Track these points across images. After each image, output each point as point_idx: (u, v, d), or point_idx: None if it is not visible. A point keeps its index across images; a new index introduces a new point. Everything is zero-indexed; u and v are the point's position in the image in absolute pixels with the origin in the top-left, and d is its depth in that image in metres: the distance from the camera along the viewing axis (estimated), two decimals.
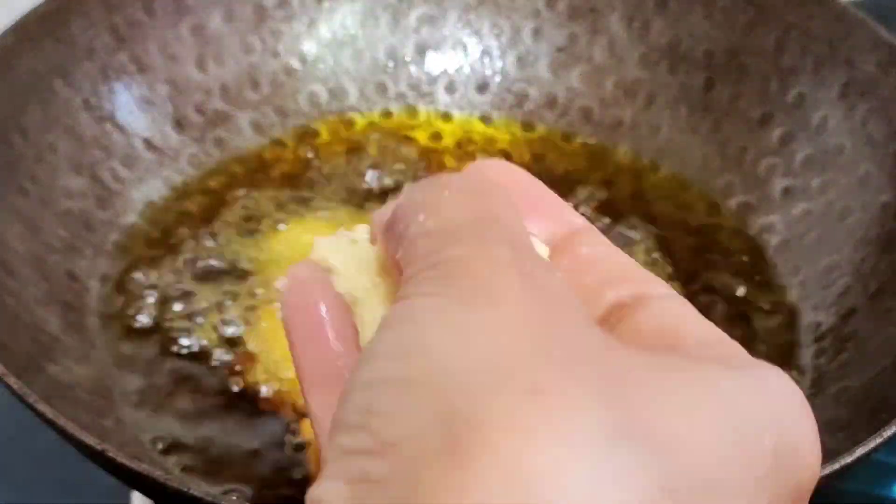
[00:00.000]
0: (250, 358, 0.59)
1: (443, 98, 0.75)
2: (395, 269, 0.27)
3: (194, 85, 0.71)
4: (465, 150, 0.73)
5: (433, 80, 0.76)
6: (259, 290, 0.62)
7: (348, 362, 0.28)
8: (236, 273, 0.63)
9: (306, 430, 0.55)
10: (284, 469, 0.54)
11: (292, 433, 0.55)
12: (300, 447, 0.54)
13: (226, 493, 0.53)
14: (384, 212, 0.29)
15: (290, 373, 0.57)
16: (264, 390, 0.57)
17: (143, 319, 0.61)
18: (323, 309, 0.29)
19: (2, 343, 0.52)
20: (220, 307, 0.61)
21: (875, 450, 0.48)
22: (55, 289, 0.60)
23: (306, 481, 0.53)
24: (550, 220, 0.29)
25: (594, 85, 0.74)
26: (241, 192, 0.69)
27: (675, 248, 0.66)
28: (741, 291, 0.64)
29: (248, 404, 0.57)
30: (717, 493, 0.21)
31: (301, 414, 0.56)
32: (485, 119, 0.75)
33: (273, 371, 0.58)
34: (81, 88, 0.66)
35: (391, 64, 0.75)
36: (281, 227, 0.66)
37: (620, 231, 0.67)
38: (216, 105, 0.71)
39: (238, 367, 0.58)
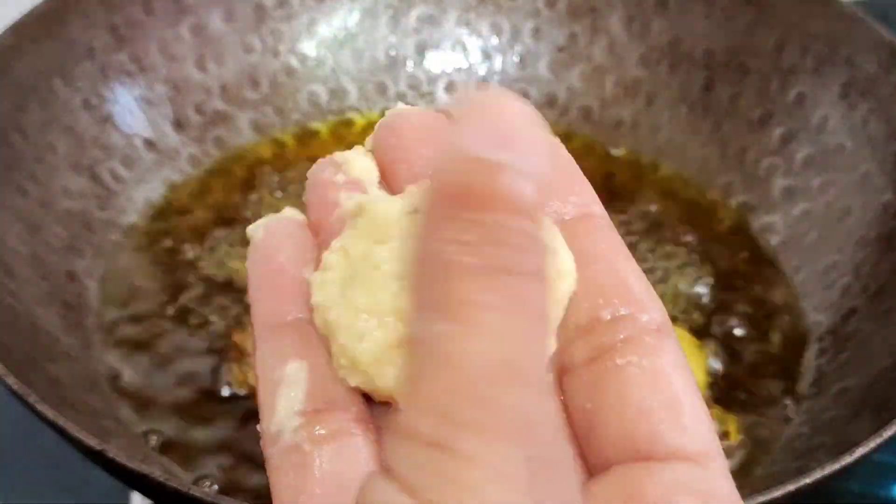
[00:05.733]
0: (246, 357, 0.59)
1: (443, 98, 0.75)
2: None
3: (194, 85, 0.71)
4: None
5: (433, 80, 0.76)
6: None
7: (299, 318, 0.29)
8: (235, 273, 0.63)
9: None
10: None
11: None
12: None
13: (197, 480, 0.53)
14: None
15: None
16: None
17: (143, 319, 0.61)
18: (285, 262, 0.30)
19: (2, 343, 0.52)
20: (218, 307, 0.61)
21: (875, 450, 0.48)
22: (55, 289, 0.60)
23: None
24: (566, 203, 0.29)
25: (594, 85, 0.74)
26: (240, 192, 0.69)
27: (674, 248, 0.66)
28: (741, 292, 0.64)
29: (243, 402, 0.57)
30: None
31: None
32: None
33: None
34: (81, 88, 0.66)
35: (391, 64, 0.75)
36: None
37: (619, 230, 0.67)
38: (216, 105, 0.71)
39: (234, 367, 0.58)
